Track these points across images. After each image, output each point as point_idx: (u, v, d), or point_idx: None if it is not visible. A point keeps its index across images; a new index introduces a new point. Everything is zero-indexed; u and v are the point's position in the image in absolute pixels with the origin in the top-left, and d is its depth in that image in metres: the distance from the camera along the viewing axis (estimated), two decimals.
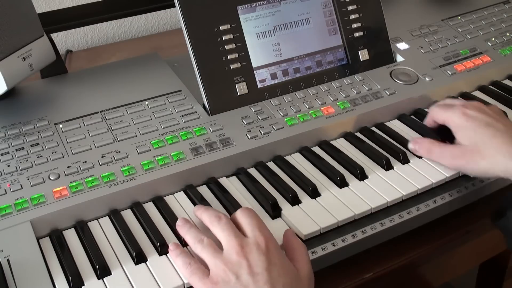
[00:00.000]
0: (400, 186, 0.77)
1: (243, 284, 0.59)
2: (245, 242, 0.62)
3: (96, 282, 0.64)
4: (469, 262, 0.92)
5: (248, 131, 0.83)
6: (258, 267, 0.60)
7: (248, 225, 0.64)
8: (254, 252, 0.61)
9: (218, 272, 0.61)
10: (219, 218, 0.65)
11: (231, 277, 0.60)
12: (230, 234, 0.63)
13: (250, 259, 0.61)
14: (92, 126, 0.81)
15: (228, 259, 0.61)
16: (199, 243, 0.64)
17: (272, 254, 0.62)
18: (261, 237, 0.63)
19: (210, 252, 0.63)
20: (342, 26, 0.94)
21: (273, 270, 0.60)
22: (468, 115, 0.78)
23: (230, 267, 0.60)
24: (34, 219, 0.69)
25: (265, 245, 0.62)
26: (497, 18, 1.12)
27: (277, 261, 0.62)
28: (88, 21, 1.00)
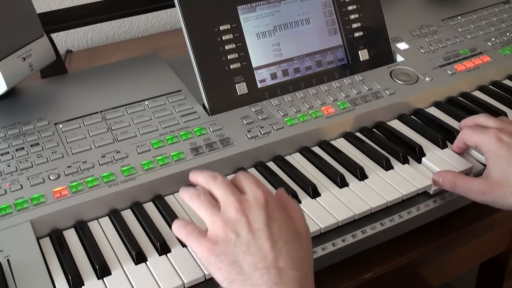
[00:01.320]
0: (400, 186, 0.77)
1: (244, 242, 0.57)
2: (243, 198, 0.60)
3: (96, 282, 0.64)
4: (469, 262, 0.92)
5: (248, 131, 0.83)
6: (258, 223, 0.58)
7: (246, 182, 0.62)
8: (253, 207, 0.59)
9: (217, 231, 0.59)
10: (215, 177, 0.63)
11: (230, 235, 0.58)
12: (228, 191, 0.61)
13: (249, 215, 0.59)
14: (92, 126, 0.81)
15: (227, 216, 0.59)
16: (196, 197, 0.62)
17: (271, 209, 0.60)
18: (259, 191, 0.61)
19: (207, 208, 0.61)
20: (342, 26, 0.94)
21: (273, 225, 0.59)
22: (503, 141, 0.73)
23: (229, 225, 0.58)
24: (34, 219, 0.69)
25: (264, 199, 0.60)
26: (497, 18, 1.12)
27: (277, 216, 0.60)
28: (88, 21, 1.00)
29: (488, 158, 0.74)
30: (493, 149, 0.73)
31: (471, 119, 0.81)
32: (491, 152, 0.74)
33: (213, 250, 0.58)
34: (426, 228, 0.78)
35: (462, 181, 0.74)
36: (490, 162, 0.74)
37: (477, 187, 0.73)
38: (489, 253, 0.95)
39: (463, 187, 0.74)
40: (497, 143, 0.73)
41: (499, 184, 0.71)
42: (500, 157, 0.72)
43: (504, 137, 0.73)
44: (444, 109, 0.93)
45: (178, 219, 0.64)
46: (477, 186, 0.73)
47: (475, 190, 0.73)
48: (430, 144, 0.85)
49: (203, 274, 0.64)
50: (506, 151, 0.72)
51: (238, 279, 0.57)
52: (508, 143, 0.73)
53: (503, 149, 0.72)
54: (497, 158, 0.73)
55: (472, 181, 0.74)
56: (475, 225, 0.83)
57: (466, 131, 0.79)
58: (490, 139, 0.74)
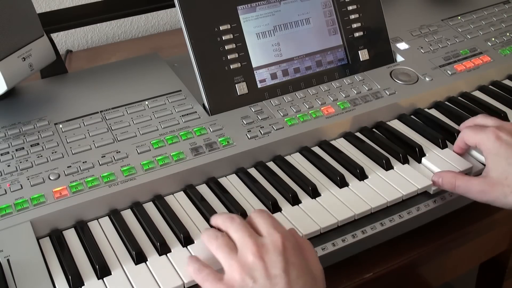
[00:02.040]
0: (400, 186, 0.77)
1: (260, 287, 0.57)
2: (261, 242, 0.60)
3: (96, 282, 0.64)
4: (469, 262, 0.92)
5: (248, 131, 0.83)
6: (276, 269, 0.58)
7: (263, 224, 0.62)
8: (270, 252, 0.59)
9: (233, 275, 0.58)
10: (232, 218, 0.63)
11: (247, 280, 0.57)
12: (245, 234, 0.60)
13: (266, 260, 0.58)
14: (92, 126, 0.81)
15: (244, 261, 0.59)
16: (214, 239, 0.62)
17: (289, 253, 0.59)
18: (277, 235, 0.60)
19: (225, 251, 0.60)
20: (342, 26, 0.94)
21: (291, 271, 0.58)
22: (502, 139, 0.73)
23: (246, 269, 0.58)
24: (34, 219, 0.69)
25: (282, 243, 0.59)
26: (497, 18, 1.12)
27: (295, 260, 0.59)
28: (88, 21, 1.00)
29: (487, 157, 0.74)
30: (492, 147, 0.73)
31: (471, 120, 0.82)
32: (490, 150, 0.74)
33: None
34: (426, 228, 0.78)
35: (462, 181, 0.74)
36: (489, 160, 0.74)
37: (477, 187, 0.73)
38: (489, 253, 0.95)
39: (462, 187, 0.74)
40: (496, 142, 0.73)
41: (499, 183, 0.71)
42: (499, 156, 0.72)
43: (502, 135, 0.73)
44: (444, 109, 0.93)
45: (194, 260, 0.63)
46: (477, 186, 0.73)
47: (475, 190, 0.73)
48: (430, 144, 0.85)
49: None
50: (505, 149, 0.72)
51: None
52: (506, 141, 0.73)
53: (502, 148, 0.72)
54: (496, 156, 0.73)
55: (471, 181, 0.74)
56: (475, 225, 0.83)
57: (465, 131, 0.79)
58: (489, 138, 0.74)
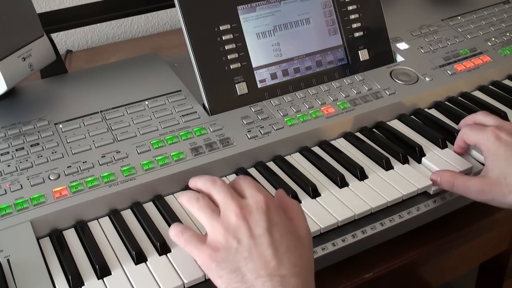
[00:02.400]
0: (400, 186, 0.77)
1: (245, 249, 0.57)
2: (244, 203, 0.59)
3: (96, 282, 0.64)
4: (469, 262, 0.92)
5: (248, 131, 0.83)
6: (259, 228, 0.57)
7: (246, 186, 0.62)
8: (253, 212, 0.58)
9: (217, 237, 0.58)
10: (214, 180, 0.62)
11: (231, 242, 0.57)
12: (227, 195, 0.60)
13: (250, 220, 0.58)
14: (92, 126, 0.81)
15: (227, 222, 0.58)
16: (195, 200, 0.61)
17: (272, 213, 0.59)
18: (259, 195, 0.60)
19: (207, 213, 0.60)
20: (342, 26, 0.94)
21: (274, 231, 0.58)
22: (501, 139, 0.72)
23: (229, 230, 0.57)
24: (34, 219, 0.69)
25: (265, 203, 0.59)
26: (497, 18, 1.12)
27: (278, 221, 0.59)
28: (88, 21, 1.00)
29: (487, 157, 0.74)
30: (491, 147, 0.73)
31: (471, 118, 0.81)
32: (489, 150, 0.73)
33: (214, 257, 0.58)
34: (426, 228, 0.78)
35: (460, 181, 0.74)
36: (488, 160, 0.74)
37: (476, 187, 0.73)
38: (489, 253, 0.95)
39: (461, 187, 0.74)
40: (496, 141, 0.73)
41: (497, 183, 0.71)
42: (498, 156, 0.72)
43: (502, 135, 0.73)
44: (444, 109, 0.93)
45: (175, 224, 0.63)
46: (476, 186, 0.73)
47: (474, 190, 0.73)
48: (430, 144, 0.85)
49: (203, 274, 0.64)
50: (504, 149, 0.72)
51: (240, 287, 0.56)
52: (506, 141, 0.72)
53: (501, 148, 0.72)
54: (495, 156, 0.73)
55: (470, 181, 0.74)
56: (475, 225, 0.83)
57: (465, 130, 0.78)
58: (488, 138, 0.74)
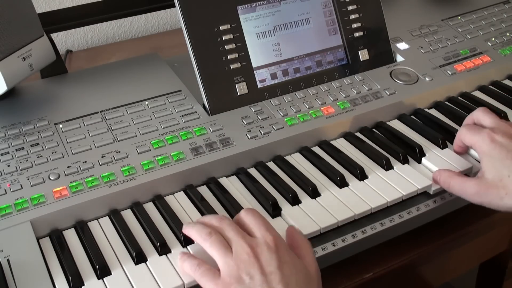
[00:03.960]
0: (400, 186, 0.77)
1: (258, 284, 0.58)
2: (255, 242, 0.61)
3: (96, 282, 0.64)
4: (469, 262, 0.92)
5: (248, 131, 0.83)
6: (271, 266, 0.59)
7: (255, 225, 0.63)
8: (264, 251, 0.60)
9: (231, 273, 0.59)
10: (221, 219, 0.65)
11: (244, 277, 0.59)
12: (237, 234, 0.62)
13: (261, 259, 0.60)
14: (92, 126, 0.81)
15: (240, 259, 0.60)
16: (207, 236, 0.63)
17: (282, 252, 0.61)
18: (269, 236, 0.62)
19: (220, 249, 0.61)
20: (342, 26, 0.94)
21: (285, 268, 0.59)
22: (496, 142, 0.72)
23: (242, 267, 0.59)
24: (34, 219, 0.69)
25: (274, 243, 0.61)
26: (497, 18, 1.12)
27: (288, 259, 0.61)
28: (88, 21, 1.00)
29: (482, 159, 0.74)
30: (487, 149, 0.73)
31: (470, 117, 0.81)
32: (484, 152, 0.73)
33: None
34: (426, 228, 0.78)
35: (457, 181, 0.74)
36: (483, 162, 0.74)
37: (472, 189, 0.73)
38: (489, 253, 0.94)
39: (457, 188, 0.74)
40: (491, 144, 0.73)
41: (493, 186, 0.71)
42: (493, 158, 0.72)
43: (497, 137, 0.73)
44: (444, 109, 0.93)
45: (190, 256, 0.64)
46: (472, 188, 0.73)
47: (470, 192, 0.73)
48: (430, 144, 0.85)
49: None
50: (499, 151, 0.72)
51: None
52: (501, 143, 0.72)
53: (496, 150, 0.72)
54: (490, 158, 0.72)
55: (466, 182, 0.74)
56: (475, 225, 0.83)
57: (462, 131, 0.79)
58: (484, 140, 0.74)
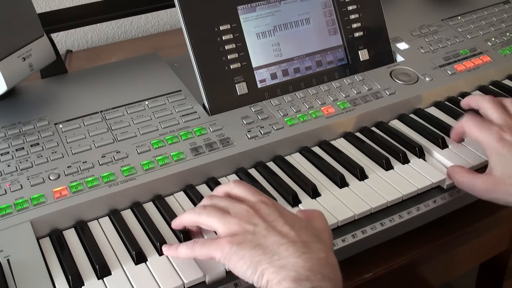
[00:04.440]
0: (400, 186, 0.77)
1: (263, 229, 0.58)
2: (251, 203, 0.62)
3: (96, 282, 0.64)
4: (469, 262, 0.92)
5: (248, 131, 0.83)
6: (271, 216, 0.60)
7: (248, 193, 0.64)
8: (263, 207, 0.61)
9: (232, 228, 0.59)
10: (210, 196, 0.66)
11: (248, 227, 0.58)
12: (231, 201, 0.62)
13: (261, 212, 0.60)
14: (92, 126, 0.81)
15: (239, 215, 0.60)
16: (202, 209, 0.62)
17: (280, 208, 0.62)
18: (264, 198, 0.63)
19: (218, 215, 0.61)
20: (342, 26, 0.94)
21: (286, 217, 0.60)
22: (505, 140, 0.72)
23: (243, 220, 0.59)
24: (34, 219, 0.69)
25: (271, 202, 0.62)
26: (497, 18, 1.12)
27: (288, 213, 0.62)
28: (88, 21, 1.00)
29: (490, 156, 0.74)
30: (495, 146, 0.73)
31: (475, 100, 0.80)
32: (493, 149, 0.73)
33: (233, 241, 0.58)
34: (426, 228, 0.78)
35: (467, 178, 0.75)
36: (492, 160, 0.74)
37: (480, 186, 0.73)
38: (489, 253, 0.94)
39: (466, 184, 0.75)
40: (499, 142, 0.72)
41: (502, 183, 0.71)
42: (502, 156, 0.72)
43: (506, 135, 0.73)
44: (444, 109, 0.93)
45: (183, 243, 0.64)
46: (480, 185, 0.73)
47: (478, 188, 0.74)
48: (430, 144, 0.85)
49: (203, 274, 0.64)
50: (508, 150, 0.72)
51: (264, 258, 0.56)
52: (510, 142, 0.72)
53: (505, 148, 0.72)
54: (498, 155, 0.72)
55: (475, 179, 0.74)
56: (475, 225, 0.83)
57: (469, 124, 0.77)
58: (492, 137, 0.73)
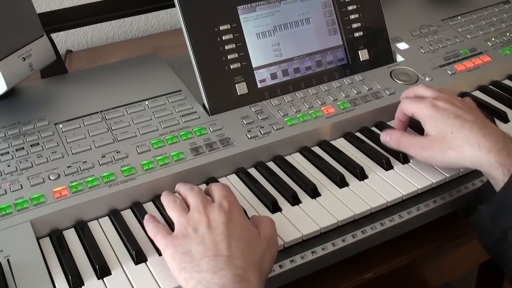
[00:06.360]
0: (400, 186, 0.77)
1: (200, 236, 0.62)
2: (210, 204, 0.67)
3: (96, 282, 0.64)
4: (469, 262, 0.92)
5: (248, 131, 0.83)
6: (216, 222, 0.64)
7: (217, 192, 0.69)
8: (215, 211, 0.65)
9: (180, 229, 0.65)
10: (192, 188, 0.70)
11: (189, 230, 0.63)
12: (198, 199, 0.67)
13: (210, 216, 0.64)
14: (92, 126, 0.81)
15: (191, 217, 0.65)
16: (172, 202, 0.69)
17: (233, 214, 0.65)
18: (225, 201, 0.67)
19: (178, 211, 0.67)
20: (342, 26, 0.94)
21: (229, 225, 0.63)
22: (438, 106, 0.76)
23: (190, 223, 0.64)
24: (34, 219, 0.69)
25: (228, 206, 0.66)
26: (497, 18, 1.12)
27: (236, 220, 0.65)
28: (88, 21, 1.00)
29: (425, 122, 0.77)
30: (428, 113, 0.77)
31: (411, 90, 0.84)
32: (427, 116, 0.77)
33: (172, 242, 0.63)
34: (426, 228, 0.78)
35: (405, 137, 0.78)
36: (427, 125, 0.77)
37: (417, 143, 0.77)
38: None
39: (405, 143, 0.78)
40: (432, 108, 0.76)
41: (437, 141, 0.75)
42: (435, 119, 0.76)
43: (439, 103, 0.77)
44: None
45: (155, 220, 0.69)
46: (417, 142, 0.77)
47: (415, 145, 0.77)
48: None
49: None
50: (441, 114, 0.76)
51: (188, 266, 0.60)
52: (443, 108, 0.76)
53: (438, 113, 0.76)
54: (432, 120, 0.76)
55: (413, 138, 0.78)
56: None
57: (404, 101, 0.82)
58: (425, 106, 0.77)
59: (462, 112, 0.75)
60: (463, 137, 0.72)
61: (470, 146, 0.72)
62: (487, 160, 0.70)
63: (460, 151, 0.73)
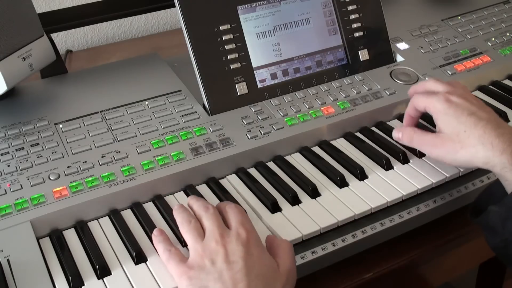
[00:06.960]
0: (400, 186, 0.77)
1: (217, 271, 0.59)
2: (226, 233, 0.63)
3: (96, 282, 0.64)
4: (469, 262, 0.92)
5: (248, 131, 0.83)
6: (235, 256, 0.60)
7: (233, 218, 0.65)
8: (233, 242, 0.62)
9: (195, 258, 0.62)
10: (207, 208, 0.66)
11: (206, 262, 0.60)
12: (214, 223, 0.64)
13: (228, 248, 0.61)
14: (92, 126, 0.81)
15: (207, 246, 0.62)
16: (186, 223, 0.65)
17: (251, 246, 0.62)
18: (242, 229, 0.63)
19: (194, 235, 0.64)
20: (342, 26, 0.94)
21: (249, 260, 0.60)
22: (451, 101, 0.74)
23: (207, 253, 0.61)
24: (34, 219, 0.69)
25: (246, 237, 0.63)
26: (497, 18, 1.12)
27: (255, 252, 0.62)
28: (88, 21, 1.00)
29: (438, 118, 0.75)
30: (441, 108, 0.75)
31: (421, 85, 0.82)
32: (440, 111, 0.75)
33: (188, 274, 0.60)
34: (426, 228, 0.78)
35: (418, 135, 0.77)
36: (439, 121, 0.75)
37: (430, 141, 0.75)
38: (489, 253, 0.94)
39: (417, 140, 0.77)
40: (445, 103, 0.74)
41: (450, 139, 0.73)
42: (448, 116, 0.74)
43: (452, 98, 0.75)
44: None
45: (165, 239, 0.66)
46: (430, 140, 0.76)
47: (428, 143, 0.76)
48: None
49: None
50: (455, 110, 0.73)
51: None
52: (456, 103, 0.74)
53: (451, 109, 0.74)
54: (446, 116, 0.74)
55: (426, 135, 0.76)
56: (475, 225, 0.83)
57: (416, 96, 0.79)
58: (439, 100, 0.75)
59: (476, 109, 0.73)
60: (477, 137, 0.70)
61: (483, 147, 0.70)
62: (500, 162, 0.69)
63: (473, 151, 0.71)
